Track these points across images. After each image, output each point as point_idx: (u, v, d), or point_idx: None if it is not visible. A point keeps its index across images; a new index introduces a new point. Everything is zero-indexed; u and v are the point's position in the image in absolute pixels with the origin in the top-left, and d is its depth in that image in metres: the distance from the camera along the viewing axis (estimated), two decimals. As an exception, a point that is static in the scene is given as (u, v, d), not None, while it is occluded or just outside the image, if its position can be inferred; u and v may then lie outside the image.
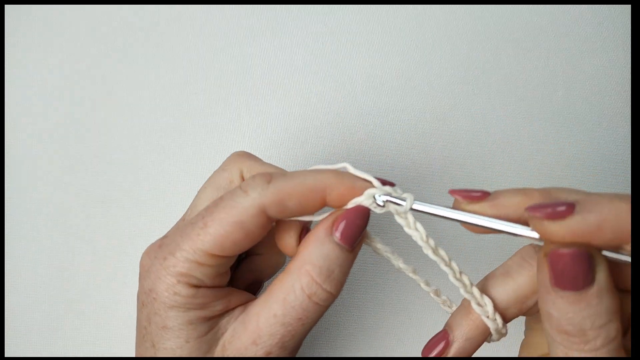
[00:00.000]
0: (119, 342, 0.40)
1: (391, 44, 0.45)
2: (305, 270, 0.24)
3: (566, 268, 0.20)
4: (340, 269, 0.25)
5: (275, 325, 0.25)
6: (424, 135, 0.43)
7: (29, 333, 0.40)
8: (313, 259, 0.24)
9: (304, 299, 0.25)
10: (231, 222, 0.24)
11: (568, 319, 0.21)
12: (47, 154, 0.42)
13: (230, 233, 0.24)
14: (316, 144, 0.43)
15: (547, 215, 0.21)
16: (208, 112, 0.43)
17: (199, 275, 0.25)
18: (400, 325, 0.41)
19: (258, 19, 0.45)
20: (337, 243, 0.24)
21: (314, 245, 0.25)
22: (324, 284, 0.25)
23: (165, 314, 0.25)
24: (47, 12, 0.44)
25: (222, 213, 0.24)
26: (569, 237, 0.21)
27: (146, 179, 0.42)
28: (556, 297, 0.21)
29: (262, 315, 0.25)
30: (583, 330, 0.21)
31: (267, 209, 0.24)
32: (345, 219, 0.25)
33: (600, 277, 0.20)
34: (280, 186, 0.24)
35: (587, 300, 0.20)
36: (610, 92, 0.45)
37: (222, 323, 0.26)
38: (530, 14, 0.45)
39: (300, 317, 0.25)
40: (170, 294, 0.25)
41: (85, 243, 0.41)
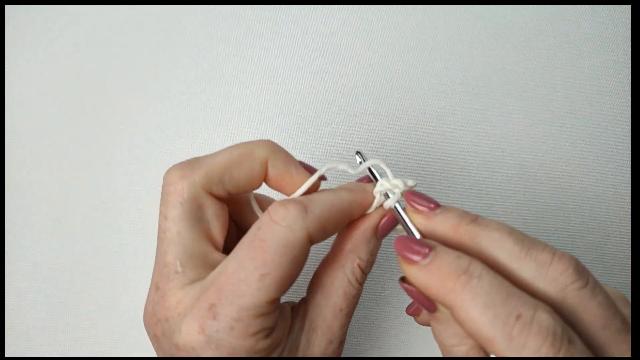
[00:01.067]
0: (119, 342, 0.40)
1: (391, 44, 0.45)
2: (357, 265, 0.27)
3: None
4: (375, 257, 0.29)
5: (343, 318, 0.28)
6: (424, 135, 0.43)
7: (29, 333, 0.40)
8: (362, 254, 0.28)
9: (359, 288, 0.28)
10: (288, 263, 0.24)
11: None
12: (47, 154, 0.42)
13: (289, 273, 0.24)
14: (316, 144, 0.43)
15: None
16: (208, 112, 0.43)
17: (269, 324, 0.24)
18: (400, 325, 0.41)
19: (258, 19, 0.45)
20: (377, 238, 0.28)
21: (362, 242, 0.28)
22: (367, 272, 0.28)
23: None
24: (47, 12, 0.44)
25: (277, 257, 0.23)
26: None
27: (146, 179, 0.42)
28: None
29: (328, 315, 0.27)
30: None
31: (315, 238, 0.25)
32: (387, 221, 0.28)
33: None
34: (320, 213, 0.25)
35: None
36: (610, 92, 0.45)
37: (292, 338, 0.27)
38: (530, 14, 0.45)
39: (357, 302, 0.28)
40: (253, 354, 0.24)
41: (85, 243, 0.41)
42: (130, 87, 0.44)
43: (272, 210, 0.24)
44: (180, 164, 0.28)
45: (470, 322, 0.21)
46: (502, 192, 0.42)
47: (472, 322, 0.21)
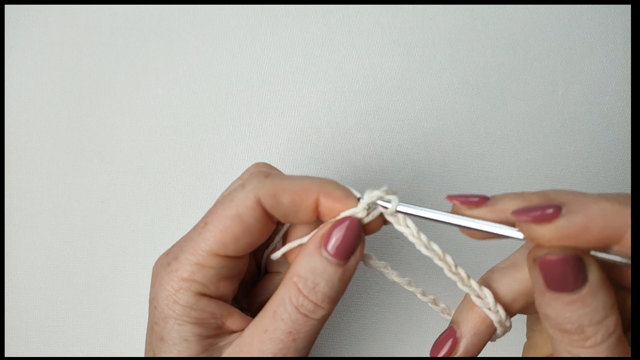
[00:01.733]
0: (119, 342, 0.40)
1: (391, 44, 0.45)
2: (293, 282, 0.24)
3: (556, 273, 0.21)
4: (326, 282, 0.24)
5: (265, 342, 0.24)
6: (424, 135, 0.43)
7: (29, 333, 0.40)
8: (300, 270, 0.24)
9: (293, 311, 0.24)
10: (229, 216, 0.24)
11: (566, 319, 0.21)
12: (47, 154, 0.42)
13: (229, 227, 0.24)
14: (316, 144, 0.43)
15: (533, 219, 0.21)
16: (207, 112, 0.43)
17: (201, 278, 0.24)
18: (400, 325, 0.41)
19: (258, 19, 0.45)
20: (325, 257, 0.24)
21: (302, 258, 0.24)
22: (310, 296, 0.24)
23: (163, 324, 0.24)
24: (47, 12, 0.44)
25: (220, 209, 0.24)
26: (556, 240, 0.21)
27: (146, 179, 0.42)
28: (551, 299, 0.21)
29: (255, 334, 0.24)
30: (582, 327, 0.21)
31: (263, 201, 0.24)
32: (334, 232, 0.24)
33: (592, 276, 0.21)
34: (276, 181, 0.25)
35: (582, 300, 0.21)
36: (610, 92, 0.45)
37: (218, 347, 0.25)
38: (530, 14, 0.45)
39: (290, 330, 0.24)
40: (169, 302, 0.24)
41: (85, 243, 0.41)
42: (130, 87, 0.44)
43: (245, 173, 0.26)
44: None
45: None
46: (502, 192, 0.42)
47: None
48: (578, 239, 0.20)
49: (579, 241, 0.20)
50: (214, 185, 0.42)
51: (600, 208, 0.20)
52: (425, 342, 0.41)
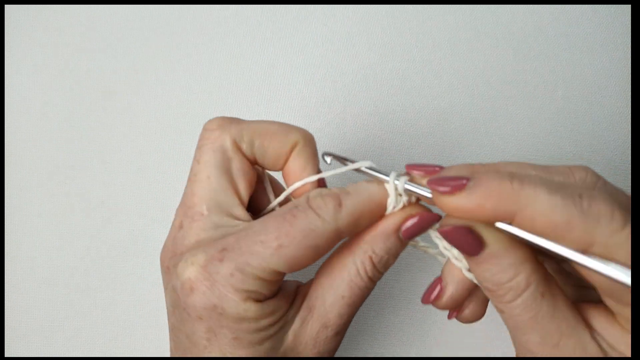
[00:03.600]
0: (119, 342, 0.40)
1: (391, 44, 0.45)
2: (369, 257, 0.26)
3: (453, 240, 0.23)
4: (394, 258, 0.27)
5: (344, 306, 0.27)
6: (424, 135, 0.43)
7: (29, 333, 0.40)
8: (377, 249, 0.26)
9: (368, 281, 0.27)
10: (308, 246, 0.24)
11: (483, 279, 0.24)
12: (47, 154, 0.42)
13: (305, 256, 0.25)
14: (316, 144, 0.43)
15: (439, 190, 0.23)
16: (207, 112, 0.43)
17: (266, 291, 0.25)
18: (400, 326, 0.41)
19: (258, 19, 0.45)
20: (400, 238, 0.27)
21: (380, 237, 0.26)
22: (382, 269, 0.27)
23: (236, 327, 0.25)
24: (47, 12, 0.44)
25: (299, 237, 0.24)
26: (456, 212, 0.23)
27: (146, 179, 0.42)
28: (469, 262, 0.24)
29: (329, 299, 0.27)
30: (498, 285, 0.23)
31: (342, 233, 0.25)
32: (417, 221, 0.26)
33: (490, 240, 0.23)
34: (353, 209, 0.25)
35: (485, 261, 0.23)
36: (610, 92, 0.45)
37: (289, 316, 0.27)
38: (530, 14, 0.45)
39: (363, 295, 0.27)
40: (240, 311, 0.24)
41: (85, 243, 0.41)
42: (130, 87, 0.44)
43: (311, 197, 0.25)
44: (221, 117, 0.29)
45: (541, 214, 0.21)
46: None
47: (543, 212, 0.21)
48: (473, 214, 0.22)
49: (475, 216, 0.22)
50: (214, 185, 0.42)
51: (497, 189, 0.22)
52: (426, 342, 0.41)
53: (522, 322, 0.23)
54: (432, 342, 0.41)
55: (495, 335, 0.41)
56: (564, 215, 0.20)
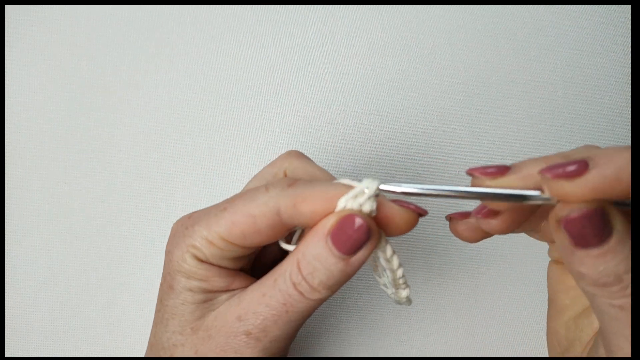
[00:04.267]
0: (119, 342, 0.40)
1: (391, 44, 0.45)
2: (296, 260, 0.25)
3: (583, 229, 0.20)
4: (325, 271, 0.24)
5: (260, 304, 0.25)
6: (424, 135, 0.43)
7: (29, 333, 0.40)
8: (305, 251, 0.24)
9: (290, 286, 0.25)
10: (244, 213, 0.25)
11: (601, 272, 0.21)
12: (47, 153, 0.42)
13: (240, 223, 0.25)
14: (316, 144, 0.43)
15: (562, 175, 0.21)
16: (207, 112, 0.43)
17: (206, 252, 0.26)
18: (400, 325, 0.41)
19: (258, 19, 0.45)
20: (329, 246, 0.24)
21: (311, 240, 0.24)
22: (307, 278, 0.25)
23: (173, 275, 0.27)
24: (47, 12, 0.44)
25: (239, 203, 0.25)
26: (589, 194, 0.20)
27: (146, 179, 0.42)
28: (583, 257, 0.21)
29: (253, 294, 0.26)
30: (619, 277, 0.21)
31: (281, 211, 0.25)
32: (338, 225, 0.24)
33: (618, 225, 0.21)
34: (299, 190, 0.25)
35: (612, 249, 0.20)
36: (610, 92, 0.45)
37: (221, 298, 0.27)
38: (530, 14, 0.45)
39: (284, 302, 0.25)
40: (179, 260, 0.26)
41: (85, 243, 0.41)
42: (130, 87, 0.44)
43: (272, 179, 0.27)
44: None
45: None
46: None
47: None
48: (611, 191, 0.20)
49: (612, 193, 0.20)
50: (214, 185, 0.42)
51: (624, 157, 0.20)
52: (426, 342, 0.41)
53: None
54: (432, 342, 0.41)
55: (495, 336, 0.41)
56: None
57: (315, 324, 0.41)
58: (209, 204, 0.27)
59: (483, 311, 0.41)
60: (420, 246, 0.42)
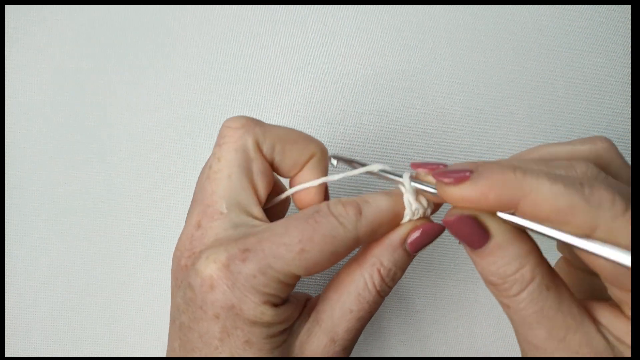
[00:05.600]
0: (119, 342, 0.40)
1: (391, 44, 0.45)
2: (377, 270, 0.27)
3: (458, 231, 0.24)
4: (402, 271, 0.28)
5: (352, 320, 0.26)
6: (424, 135, 0.43)
7: (29, 333, 0.40)
8: (384, 261, 0.27)
9: (376, 295, 0.27)
10: (328, 252, 0.25)
11: (489, 272, 0.24)
12: (47, 153, 0.42)
13: (324, 261, 0.25)
14: (316, 144, 0.43)
15: (444, 181, 0.23)
16: (207, 112, 0.43)
17: (283, 295, 0.25)
18: (400, 325, 0.41)
19: (258, 19, 0.45)
20: (406, 250, 0.27)
21: (387, 249, 0.27)
22: (390, 283, 0.27)
23: (250, 329, 0.25)
24: (47, 12, 0.44)
25: (322, 243, 0.25)
26: (460, 202, 0.23)
27: (146, 179, 0.42)
28: (473, 256, 0.24)
29: (337, 312, 0.27)
30: (503, 278, 0.23)
31: (361, 241, 0.26)
32: (421, 234, 0.27)
33: (495, 231, 0.23)
34: (372, 218, 0.26)
35: (491, 253, 0.23)
36: (610, 92, 0.45)
37: (295, 327, 0.27)
38: (530, 14, 0.45)
39: (372, 310, 0.27)
40: (257, 314, 0.24)
41: (85, 243, 0.41)
42: (130, 87, 0.44)
43: (332, 204, 0.26)
44: (244, 116, 0.29)
45: (545, 200, 0.21)
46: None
47: (546, 198, 0.21)
48: (478, 203, 0.23)
49: (480, 205, 0.23)
50: (214, 185, 0.42)
51: (501, 178, 0.22)
52: (426, 342, 0.41)
53: (528, 317, 0.23)
54: (432, 342, 0.41)
55: (495, 336, 0.41)
56: (567, 201, 0.21)
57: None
58: (209, 204, 0.27)
59: (483, 311, 0.41)
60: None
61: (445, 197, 0.24)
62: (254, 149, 0.28)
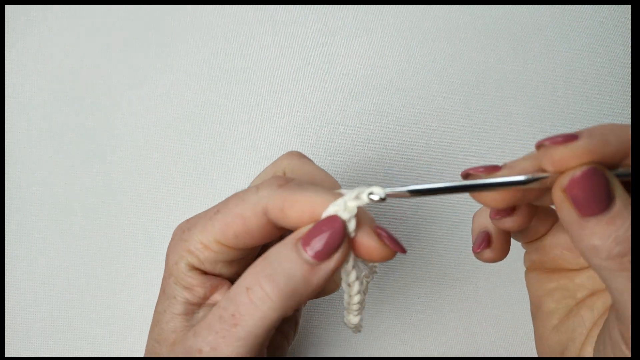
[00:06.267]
0: (119, 342, 0.40)
1: (391, 44, 0.45)
2: (255, 263, 0.23)
3: (587, 192, 0.20)
4: (284, 272, 0.22)
5: (213, 317, 0.24)
6: (424, 135, 0.43)
7: (29, 333, 0.40)
8: (268, 254, 0.23)
9: (242, 292, 0.23)
10: (235, 214, 0.25)
11: (615, 240, 0.20)
12: (47, 153, 0.42)
13: (232, 224, 0.25)
14: (316, 144, 0.43)
15: (559, 141, 0.21)
16: (207, 112, 0.43)
17: (201, 256, 0.26)
18: (400, 325, 0.41)
19: (258, 19, 0.45)
20: (298, 248, 0.23)
21: (279, 243, 0.24)
22: (263, 281, 0.22)
23: (167, 279, 0.27)
24: (47, 12, 0.44)
25: (231, 204, 0.25)
26: (580, 156, 0.21)
27: (146, 179, 0.42)
28: (593, 227, 0.20)
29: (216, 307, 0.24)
30: (626, 243, 0.20)
31: (269, 211, 0.24)
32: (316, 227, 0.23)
33: (618, 188, 0.21)
34: (288, 193, 0.24)
35: (620, 215, 0.20)
36: (610, 92, 0.45)
37: (198, 315, 0.27)
38: (530, 14, 0.45)
39: (233, 313, 0.23)
40: (173, 264, 0.26)
41: (85, 243, 0.41)
42: (130, 87, 0.44)
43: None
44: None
45: None
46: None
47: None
48: (601, 152, 0.21)
49: (602, 154, 0.21)
50: (214, 185, 0.42)
51: (609, 127, 0.21)
52: (426, 342, 0.41)
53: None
54: (432, 342, 0.41)
55: (495, 336, 0.41)
56: None
57: (316, 324, 0.41)
58: (209, 204, 0.27)
59: (483, 311, 0.41)
60: (420, 246, 0.42)
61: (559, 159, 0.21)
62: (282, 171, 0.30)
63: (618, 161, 0.22)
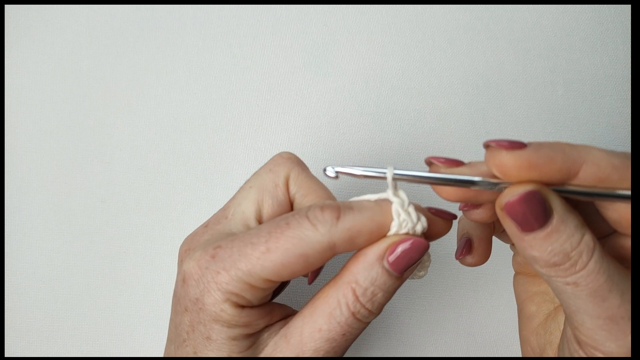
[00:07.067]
0: (119, 342, 0.40)
1: (391, 44, 0.45)
2: (352, 289, 0.25)
3: (524, 212, 0.22)
4: (383, 293, 0.25)
5: (319, 340, 0.25)
6: (424, 135, 0.43)
7: (29, 333, 0.40)
8: (360, 279, 0.24)
9: (349, 316, 0.25)
10: (296, 255, 0.24)
11: (550, 253, 0.22)
12: (47, 154, 0.42)
13: (292, 264, 0.24)
14: (316, 144, 0.43)
15: (503, 145, 0.22)
16: (207, 112, 0.43)
17: (249, 296, 0.25)
18: (400, 325, 0.41)
19: (258, 19, 0.45)
20: (386, 269, 0.24)
21: (362, 267, 0.25)
22: (367, 305, 0.25)
23: (210, 325, 0.25)
24: (47, 12, 0.44)
25: (288, 243, 0.24)
26: (521, 168, 0.22)
27: (146, 179, 0.42)
28: (531, 241, 0.22)
29: (306, 330, 0.25)
30: (567, 254, 0.22)
31: (337, 246, 0.24)
32: (400, 249, 0.24)
33: (555, 204, 0.22)
34: (351, 225, 0.24)
35: (556, 230, 0.22)
36: (610, 92, 0.45)
37: (263, 337, 0.26)
38: (530, 14, 0.45)
39: (344, 332, 0.25)
40: (217, 310, 0.24)
41: (85, 243, 0.41)
42: (130, 87, 0.44)
43: (311, 207, 0.25)
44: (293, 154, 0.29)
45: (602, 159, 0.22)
46: (502, 192, 0.42)
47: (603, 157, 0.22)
48: (542, 169, 0.22)
49: (543, 171, 0.22)
50: (214, 185, 0.42)
51: (560, 146, 0.22)
52: (426, 342, 0.41)
53: (599, 287, 0.22)
54: (432, 342, 0.41)
55: (495, 336, 0.41)
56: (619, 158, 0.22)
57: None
58: (209, 203, 0.27)
59: (483, 311, 0.41)
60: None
61: (501, 164, 0.22)
62: (283, 179, 0.29)
63: (562, 180, 0.22)
